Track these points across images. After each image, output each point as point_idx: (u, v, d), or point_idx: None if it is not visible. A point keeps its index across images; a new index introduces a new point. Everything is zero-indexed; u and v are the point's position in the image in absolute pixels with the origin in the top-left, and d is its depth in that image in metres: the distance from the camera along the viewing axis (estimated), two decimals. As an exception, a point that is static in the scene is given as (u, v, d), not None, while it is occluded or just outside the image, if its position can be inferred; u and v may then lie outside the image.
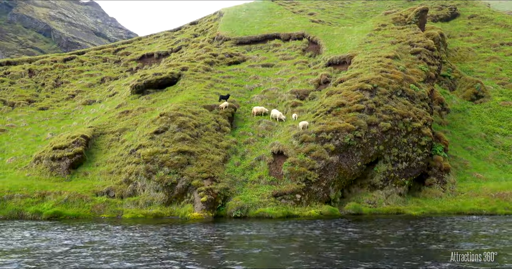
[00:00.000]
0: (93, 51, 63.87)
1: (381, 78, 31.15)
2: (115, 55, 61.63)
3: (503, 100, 42.65)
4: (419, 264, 11.58)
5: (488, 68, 49.35)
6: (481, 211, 26.12)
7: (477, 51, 54.02)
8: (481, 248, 13.96)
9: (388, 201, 27.30)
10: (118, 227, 20.12)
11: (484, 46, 55.35)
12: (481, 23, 62.90)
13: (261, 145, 30.70)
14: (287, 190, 25.50)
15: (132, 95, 42.08)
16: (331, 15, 65.40)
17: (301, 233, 17.76)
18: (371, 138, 28.05)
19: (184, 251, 13.91)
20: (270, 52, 48.46)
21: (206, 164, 27.19)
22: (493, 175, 31.37)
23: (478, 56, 52.65)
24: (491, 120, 39.88)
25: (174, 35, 66.36)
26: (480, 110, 41.41)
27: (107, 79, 54.11)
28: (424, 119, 30.37)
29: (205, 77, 41.40)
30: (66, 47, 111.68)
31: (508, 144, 36.09)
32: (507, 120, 39.51)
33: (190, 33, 63.26)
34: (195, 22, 70.65)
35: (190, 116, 31.08)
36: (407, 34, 39.97)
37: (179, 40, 60.60)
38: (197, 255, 13.35)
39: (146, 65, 56.77)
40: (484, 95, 43.48)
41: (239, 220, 23.00)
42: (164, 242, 15.79)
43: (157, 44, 63.23)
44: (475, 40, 57.40)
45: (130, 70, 56.38)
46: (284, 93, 37.13)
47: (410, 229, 18.94)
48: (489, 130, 38.22)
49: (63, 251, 14.06)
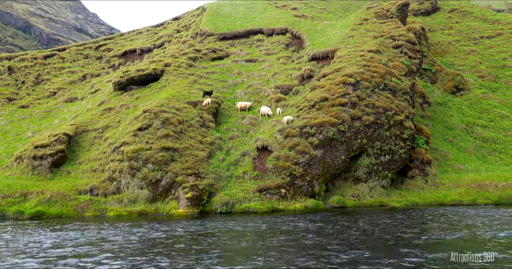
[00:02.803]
0: (74, 47, 62.88)
1: (364, 72, 31.41)
2: (97, 52, 60.79)
3: (482, 93, 43.43)
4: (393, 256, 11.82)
5: (468, 61, 50.14)
6: (462, 201, 26.64)
7: (457, 44, 54.82)
8: (454, 238, 14.32)
9: (371, 194, 27.63)
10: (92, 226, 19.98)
11: (464, 40, 56.19)
12: (461, 17, 63.80)
13: (245, 141, 30.74)
14: (272, 185, 25.62)
15: (114, 92, 41.63)
16: (314, 10, 65.54)
17: (285, 228, 17.89)
18: (355, 131, 28.32)
19: (165, 248, 13.90)
20: (253, 47, 48.39)
21: (191, 160, 27.13)
22: (474, 166, 31.99)
23: (458, 49, 53.43)
24: (471, 112, 40.60)
25: (156, 30, 65.71)
26: (460, 103, 42.10)
27: (89, 76, 53.39)
28: (406, 112, 30.75)
29: (189, 73, 41.16)
30: (47, 43, 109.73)
31: (487, 136, 36.81)
32: (487, 112, 40.27)
33: (173, 29, 62.70)
34: (178, 17, 70.05)
35: (174, 112, 30.92)
36: (388, 28, 40.32)
37: (162, 36, 60.05)
38: (177, 252, 13.36)
39: (129, 61, 56.15)
40: (464, 88, 44.21)
41: (224, 216, 23.05)
42: (146, 239, 15.75)
43: (139, 40, 62.54)
44: (455, 34, 58.21)
45: (112, 67, 55.70)
46: (268, 88, 37.18)
47: (389, 220, 19.24)
48: (470, 122, 38.92)
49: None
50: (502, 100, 42.09)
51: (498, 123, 38.43)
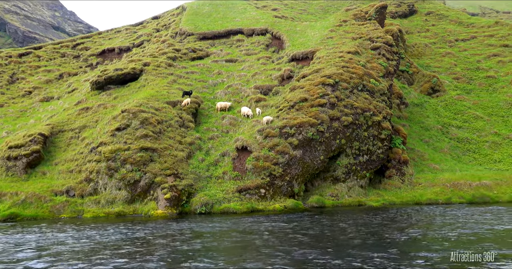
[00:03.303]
0: (50, 45, 61.57)
1: (343, 73, 31.76)
2: (74, 50, 59.70)
3: (457, 94, 44.50)
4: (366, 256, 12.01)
5: (444, 63, 51.28)
6: (437, 200, 27.24)
7: (433, 46, 56.00)
8: (423, 236, 14.66)
9: (350, 194, 27.96)
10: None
11: (440, 42, 57.45)
12: (437, 20, 65.21)
13: (225, 141, 30.70)
14: (251, 185, 25.65)
15: (92, 91, 40.98)
16: (294, 11, 65.94)
17: (263, 228, 17.95)
18: (333, 132, 28.61)
19: (138, 248, 13.78)
20: (233, 48, 48.35)
21: (170, 160, 26.93)
22: (449, 166, 32.73)
23: (434, 51, 54.59)
24: (446, 113, 41.54)
25: (135, 29, 64.95)
26: (436, 104, 43.02)
27: (65, 75, 52.39)
28: (383, 113, 31.24)
29: (168, 72, 40.85)
30: (22, 41, 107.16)
31: (462, 136, 37.73)
32: (461, 113, 41.28)
33: (152, 28, 62.09)
34: (157, 16, 69.40)
35: (153, 112, 30.63)
36: (367, 30, 40.88)
37: (141, 35, 59.40)
38: (151, 252, 13.26)
39: (107, 60, 55.33)
40: (440, 89, 45.20)
41: (204, 216, 22.97)
42: (121, 239, 15.57)
43: (118, 38, 61.71)
44: (431, 36, 59.46)
45: (90, 66, 54.80)
46: (248, 89, 37.22)
47: (363, 220, 19.53)
48: (445, 123, 39.81)
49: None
50: (476, 102, 43.20)
51: (472, 124, 39.44)
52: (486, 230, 15.60)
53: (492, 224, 17.03)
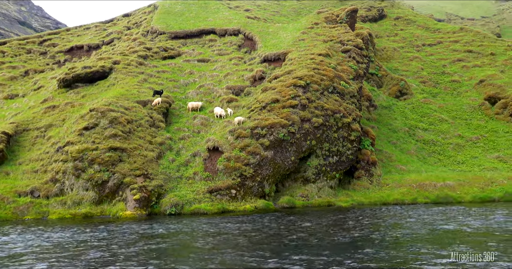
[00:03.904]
0: (16, 41, 59.44)
1: (314, 75, 32.14)
2: (41, 47, 57.88)
3: (424, 97, 45.85)
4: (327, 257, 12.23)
5: (411, 67, 52.73)
6: (404, 201, 27.96)
7: (401, 51, 57.49)
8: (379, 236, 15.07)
9: (320, 194, 28.32)
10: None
11: (408, 46, 59.05)
12: (405, 25, 66.99)
13: (196, 141, 30.52)
14: (222, 186, 25.60)
15: (59, 89, 39.87)
16: (267, 12, 66.27)
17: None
18: (304, 133, 28.91)
19: (98, 250, 13.54)
20: (206, 47, 48.13)
21: (139, 161, 26.54)
22: (415, 167, 33.66)
23: (402, 55, 56.05)
24: (413, 116, 42.73)
25: (105, 27, 63.63)
26: (404, 107, 44.18)
27: (31, 72, 50.70)
28: (353, 114, 31.81)
29: (139, 71, 40.23)
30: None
31: (428, 138, 38.89)
32: (427, 116, 42.55)
33: (123, 26, 61.01)
34: (128, 14, 68.25)
35: (122, 112, 30.10)
36: (338, 33, 41.54)
37: (111, 32, 58.24)
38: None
39: (75, 57, 53.95)
40: (407, 92, 46.45)
41: (173, 217, 22.75)
42: (84, 241, 15.24)
43: (87, 35, 60.28)
44: (400, 41, 61.04)
45: (57, 63, 53.26)
46: (220, 89, 37.13)
47: (330, 221, 19.86)
48: (412, 125, 40.93)
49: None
50: (441, 105, 44.63)
51: (438, 127, 40.72)
52: (427, 230, 16.00)
53: (437, 224, 17.40)
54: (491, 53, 53.89)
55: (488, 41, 57.81)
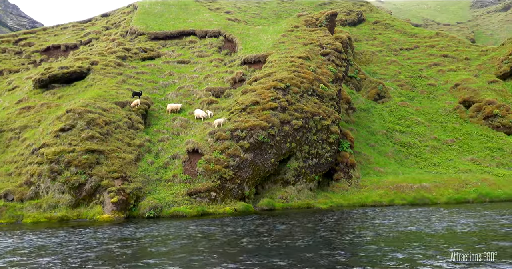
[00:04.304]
0: (-11, 40, 57.87)
1: (294, 78, 32.35)
2: (16, 46, 56.50)
3: (401, 101, 46.69)
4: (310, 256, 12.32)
5: (389, 70, 53.64)
6: (382, 202, 28.39)
7: (380, 54, 58.43)
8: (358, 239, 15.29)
9: (299, 196, 28.48)
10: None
11: (386, 50, 60.05)
12: (383, 29, 68.14)
13: (176, 143, 30.29)
14: (202, 188, 25.47)
15: (35, 90, 38.99)
16: (247, 14, 66.38)
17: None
18: (284, 135, 29.05)
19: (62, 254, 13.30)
20: (186, 49, 47.88)
21: (117, 163, 26.16)
22: (392, 169, 34.21)
23: (381, 59, 56.96)
24: (391, 118, 43.44)
25: (83, 26, 62.59)
26: (382, 110, 44.88)
27: (6, 72, 49.43)
28: (332, 117, 32.14)
29: (117, 72, 39.71)
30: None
31: (405, 141, 39.59)
32: (405, 119, 43.34)
33: (102, 26, 60.13)
34: (107, 14, 67.32)
35: (100, 113, 29.64)
36: (317, 36, 41.93)
37: (89, 32, 57.32)
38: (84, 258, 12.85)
39: (52, 57, 52.88)
40: (385, 95, 47.22)
41: (152, 220, 22.50)
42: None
43: (64, 35, 59.16)
44: (378, 45, 62.03)
45: (33, 63, 52.09)
46: (200, 91, 36.98)
47: (309, 224, 20.00)
48: (390, 128, 41.60)
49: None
50: (418, 108, 45.52)
51: (414, 129, 41.50)
52: (384, 232, 16.24)
53: (399, 226, 17.62)
54: (465, 58, 55.29)
55: (463, 46, 59.31)
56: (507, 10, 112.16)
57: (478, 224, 17.58)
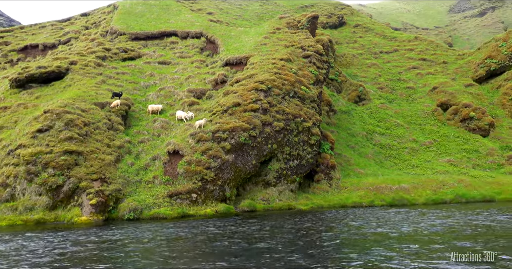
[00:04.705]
0: (-37, 38, 56.35)
1: (275, 80, 32.47)
2: (-8, 44, 55.12)
3: (381, 103, 47.37)
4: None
5: (370, 73, 54.37)
6: (362, 203, 28.73)
7: (360, 57, 59.17)
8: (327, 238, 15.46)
9: (280, 198, 28.58)
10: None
11: (366, 53, 60.85)
12: (364, 32, 69.04)
13: (156, 145, 30.04)
14: (182, 190, 25.30)
15: (11, 90, 38.12)
16: (229, 16, 66.36)
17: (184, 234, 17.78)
18: (265, 137, 29.12)
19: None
20: (167, 49, 47.55)
21: (97, 164, 25.78)
22: (372, 171, 34.66)
23: (361, 62, 57.69)
24: (371, 120, 44.02)
25: (62, 26, 61.55)
26: (362, 112, 45.44)
27: (-19, 71, 48.20)
28: (313, 119, 32.38)
29: (97, 72, 39.15)
30: None
31: (384, 143, 40.17)
32: (384, 121, 43.98)
33: (81, 25, 59.23)
34: (86, 13, 66.37)
35: (79, 114, 29.17)
36: (299, 39, 42.21)
37: (68, 32, 56.39)
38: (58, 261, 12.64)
39: (29, 57, 51.81)
40: (366, 98, 47.83)
41: (132, 223, 22.24)
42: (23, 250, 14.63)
43: (42, 34, 58.05)
44: (359, 48, 62.81)
45: (10, 62, 50.95)
46: (181, 92, 36.76)
47: (289, 226, 20.10)
48: (370, 130, 42.15)
49: None
50: (397, 110, 46.26)
51: (394, 131, 42.15)
52: (348, 233, 16.48)
53: (367, 227, 17.86)
54: (443, 61, 56.48)
55: (440, 50, 60.56)
56: (483, 15, 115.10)
57: (445, 225, 17.91)
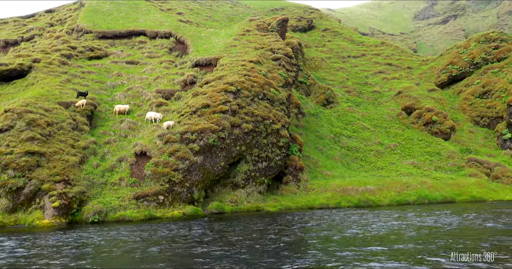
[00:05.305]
0: None
1: (245, 82, 32.53)
2: None
3: (348, 106, 48.29)
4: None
5: (338, 77, 55.35)
6: (329, 205, 29.16)
7: (329, 61, 60.15)
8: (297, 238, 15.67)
9: (249, 199, 28.61)
10: None
11: (334, 57, 61.92)
12: (332, 37, 70.24)
13: (123, 146, 29.46)
14: (149, 192, 24.92)
15: (-31, 87, 36.43)
16: (200, 17, 66.00)
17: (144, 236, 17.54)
18: (234, 139, 29.09)
19: None
20: (135, 49, 46.76)
21: (60, 166, 25.00)
22: (339, 173, 35.25)
23: (329, 65, 58.65)
24: (339, 123, 44.80)
25: (26, 22, 59.47)
26: (330, 115, 46.17)
27: None
28: (282, 121, 32.63)
29: (62, 71, 38.03)
30: None
31: (351, 145, 40.95)
32: (351, 124, 44.85)
33: (46, 22, 57.43)
34: (51, 10, 64.44)
35: (42, 113, 28.22)
36: (269, 41, 42.47)
37: (32, 29, 54.54)
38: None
39: (-11, 53, 49.71)
40: (334, 101, 48.63)
41: (95, 226, 21.69)
42: None
43: (4, 30, 55.87)
44: (327, 51, 63.84)
45: (-33, 58, 48.67)
46: (149, 92, 36.23)
47: (255, 227, 20.17)
48: (337, 133, 42.87)
49: None
50: (364, 114, 47.28)
51: (360, 134, 43.05)
52: (297, 237, 16.67)
53: (314, 231, 18.14)
54: (408, 66, 58.22)
55: (405, 56, 62.41)
56: (446, 23, 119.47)
57: (392, 227, 18.38)
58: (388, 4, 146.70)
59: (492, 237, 15.01)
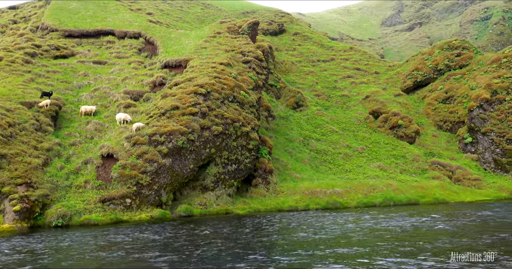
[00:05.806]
0: None
1: (215, 84, 32.42)
2: None
3: (317, 110, 48.93)
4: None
5: (307, 80, 55.99)
6: (297, 207, 29.39)
7: (299, 65, 60.79)
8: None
9: (218, 202, 28.47)
10: None
11: (304, 61, 62.64)
12: (303, 41, 71.06)
13: (89, 147, 28.74)
14: (116, 195, 24.40)
15: None
16: (170, 18, 65.35)
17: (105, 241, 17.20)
18: (204, 141, 28.92)
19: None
20: (103, 49, 45.78)
21: (22, 168, 24.12)
22: (308, 175, 35.61)
23: (300, 69, 59.28)
24: (308, 126, 45.29)
25: (-14, 18, 57.14)
26: (300, 118, 46.62)
27: None
28: (252, 124, 32.69)
29: (25, 70, 36.77)
30: None
31: (320, 148, 41.48)
32: (320, 127, 45.44)
33: (9, 19, 55.44)
34: (15, 6, 62.28)
35: (3, 113, 27.19)
36: (239, 44, 42.52)
37: (-7, 25, 52.47)
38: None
39: None
40: (303, 104, 49.15)
41: (59, 230, 21.05)
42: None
43: (-38, 26, 53.47)
44: (297, 55, 64.52)
45: None
46: (117, 93, 35.54)
47: (225, 229, 20.14)
48: (306, 136, 43.33)
49: None
50: (332, 117, 48.01)
51: (329, 137, 43.67)
52: (247, 241, 16.88)
53: (275, 233, 18.40)
54: (375, 71, 59.58)
55: (373, 61, 63.85)
56: (412, 30, 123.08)
57: (346, 230, 18.78)
58: (356, 10, 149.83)
59: (436, 240, 15.41)
